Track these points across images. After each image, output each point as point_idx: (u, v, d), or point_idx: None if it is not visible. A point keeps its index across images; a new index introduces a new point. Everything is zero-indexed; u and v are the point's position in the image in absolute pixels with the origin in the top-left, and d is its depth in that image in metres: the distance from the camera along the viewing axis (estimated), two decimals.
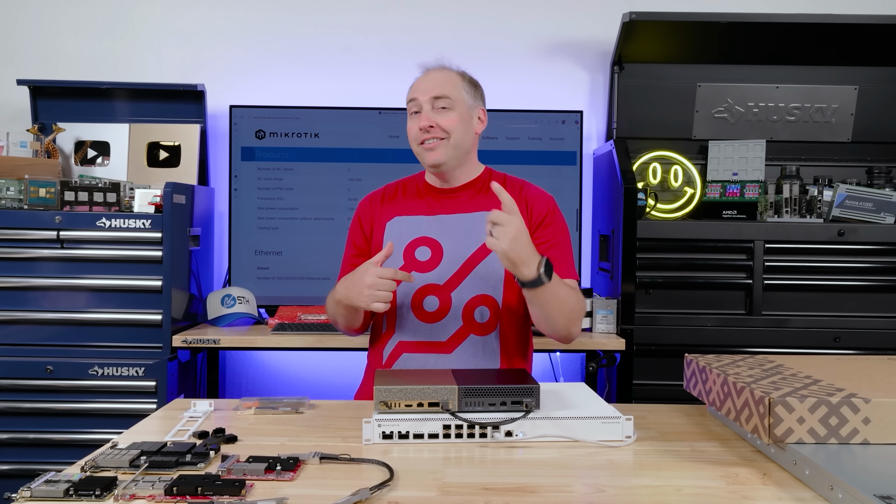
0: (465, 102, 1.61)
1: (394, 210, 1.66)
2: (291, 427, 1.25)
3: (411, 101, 1.61)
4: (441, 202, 1.65)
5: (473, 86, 1.66)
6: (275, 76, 2.90)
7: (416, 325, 1.59)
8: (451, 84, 1.60)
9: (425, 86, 1.60)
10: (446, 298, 1.58)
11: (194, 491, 0.90)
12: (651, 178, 2.67)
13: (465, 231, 1.61)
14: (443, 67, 1.65)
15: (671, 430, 1.25)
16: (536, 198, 1.66)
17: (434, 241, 1.61)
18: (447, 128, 1.58)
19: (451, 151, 1.59)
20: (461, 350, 1.57)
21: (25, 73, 2.80)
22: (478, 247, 1.59)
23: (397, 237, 1.62)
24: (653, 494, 0.95)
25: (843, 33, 2.54)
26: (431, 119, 1.57)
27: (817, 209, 2.46)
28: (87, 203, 2.33)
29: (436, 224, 1.63)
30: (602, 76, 2.91)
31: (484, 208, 1.61)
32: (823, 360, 1.34)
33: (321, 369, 2.86)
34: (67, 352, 2.30)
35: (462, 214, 1.63)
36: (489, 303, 1.59)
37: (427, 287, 1.58)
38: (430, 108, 1.58)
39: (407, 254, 1.61)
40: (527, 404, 1.17)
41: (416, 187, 1.69)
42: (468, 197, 1.65)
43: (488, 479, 0.99)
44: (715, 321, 2.39)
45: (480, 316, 1.58)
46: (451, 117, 1.58)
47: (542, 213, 1.63)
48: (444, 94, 1.58)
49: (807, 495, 0.94)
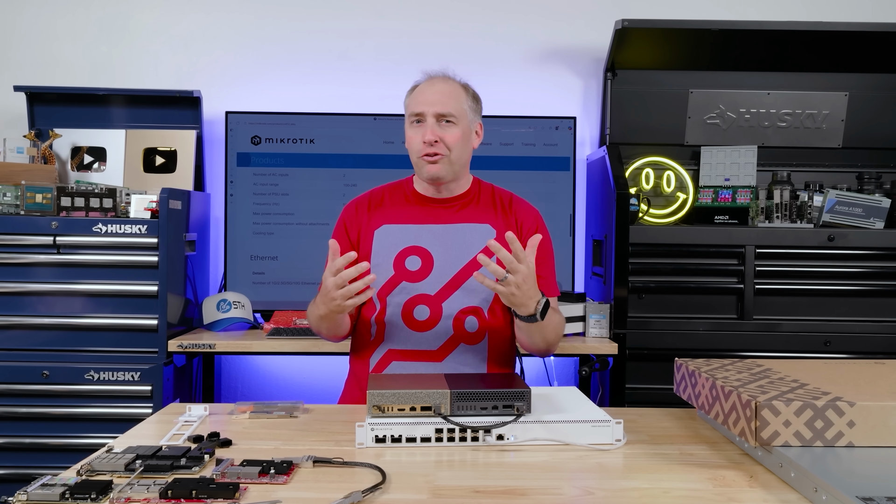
0: (467, 117, 1.63)
1: (382, 218, 1.66)
2: (285, 431, 1.26)
3: (415, 113, 1.60)
4: (431, 212, 1.66)
5: (475, 100, 1.68)
6: (270, 82, 2.92)
7: (406, 333, 1.60)
8: (456, 99, 1.62)
9: (431, 98, 1.60)
10: (437, 308, 1.59)
11: (189, 494, 0.92)
12: (644, 184, 2.69)
13: (456, 242, 1.63)
14: (447, 78, 1.65)
15: (661, 434, 1.27)
16: (526, 213, 1.70)
17: (424, 250, 1.62)
18: (450, 144, 1.59)
19: (450, 167, 1.61)
20: (451, 359, 1.59)
21: (22, 79, 2.82)
22: (469, 259, 1.61)
23: (387, 246, 1.63)
24: (641, 497, 0.96)
25: (833, 40, 2.56)
26: (436, 134, 1.58)
27: (808, 214, 2.48)
28: (83, 209, 2.34)
29: (426, 233, 1.64)
30: (595, 82, 2.93)
31: (474, 220, 1.65)
32: (811, 364, 1.36)
33: (316, 374, 2.87)
34: (64, 356, 2.31)
35: (452, 225, 1.65)
36: (478, 313, 1.61)
37: (418, 297, 1.59)
38: (434, 122, 1.59)
39: (397, 263, 1.61)
40: (518, 408, 1.19)
41: (405, 195, 1.70)
42: (458, 207, 1.67)
43: (479, 482, 1.00)
44: (707, 325, 2.40)
45: (470, 326, 1.60)
46: (455, 133, 1.60)
47: (531, 229, 1.67)
48: (450, 112, 1.59)
49: (792, 497, 0.95)
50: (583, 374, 2.36)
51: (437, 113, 1.58)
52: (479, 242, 1.61)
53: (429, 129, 1.58)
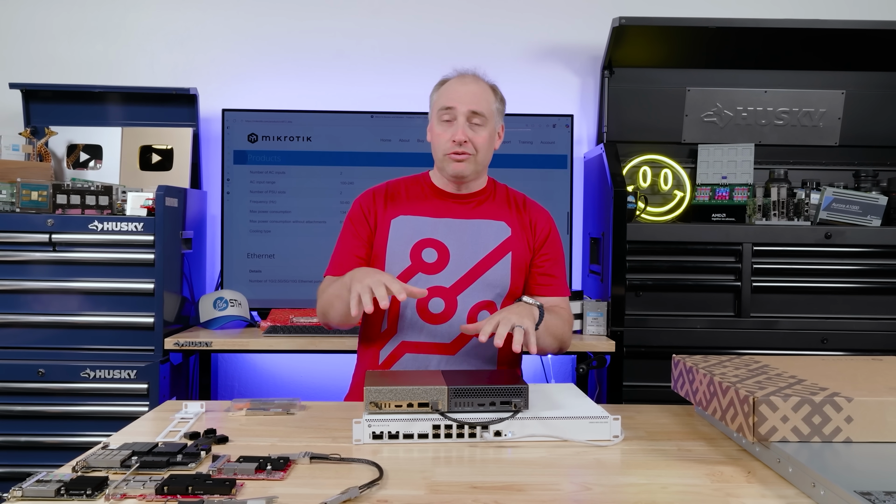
0: (494, 119, 1.65)
1: (398, 209, 1.67)
2: (282, 428, 1.26)
3: (447, 108, 1.60)
4: (448, 206, 1.67)
5: (502, 102, 1.70)
6: (267, 80, 2.91)
7: (420, 325, 1.60)
8: (486, 100, 1.63)
9: (465, 97, 1.60)
10: (452, 301, 1.60)
11: (185, 490, 0.91)
12: (641, 182, 2.69)
13: (472, 237, 1.64)
14: (477, 78, 1.66)
15: (658, 430, 1.27)
16: (539, 214, 1.73)
17: (440, 243, 1.63)
18: (478, 145, 1.61)
19: (475, 167, 1.63)
20: (464, 353, 1.60)
21: (18, 76, 2.80)
22: (485, 254, 1.63)
23: (403, 236, 1.63)
24: (638, 492, 0.96)
25: (830, 38, 2.56)
26: (467, 134, 1.59)
27: (805, 212, 2.48)
28: (79, 206, 2.33)
29: (442, 227, 1.64)
30: (592, 80, 2.93)
31: (490, 216, 1.67)
32: (808, 361, 1.36)
33: (313, 371, 2.86)
34: (59, 354, 2.30)
35: (469, 220, 1.66)
36: (491, 308, 1.62)
37: (433, 289, 1.59)
38: (465, 122, 1.59)
39: (414, 254, 1.62)
40: (516, 404, 1.18)
41: (422, 189, 1.70)
42: (475, 204, 1.68)
43: (477, 478, 1.00)
44: (704, 323, 2.40)
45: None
46: (483, 135, 1.62)
47: (545, 230, 1.70)
48: (481, 111, 1.60)
49: (790, 492, 0.95)
50: (580, 371, 2.35)
51: (469, 110, 1.59)
52: (495, 239, 1.64)
53: (460, 128, 1.59)
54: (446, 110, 1.60)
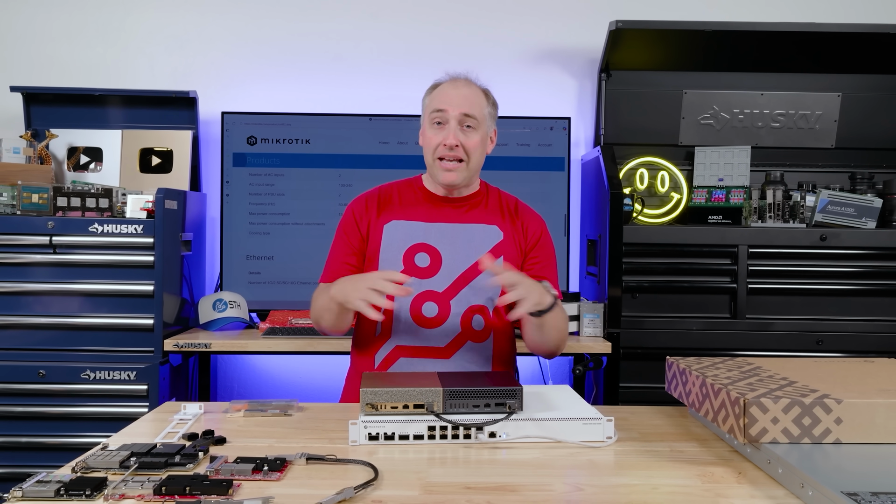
0: (486, 123, 1.64)
1: (391, 213, 1.67)
2: (280, 429, 1.27)
3: (438, 111, 1.60)
4: (441, 211, 1.67)
5: (494, 106, 1.69)
6: (266, 83, 2.93)
7: (414, 330, 1.60)
8: (478, 104, 1.62)
9: (457, 100, 1.60)
10: (445, 306, 1.60)
11: (182, 491, 0.92)
12: (638, 184, 2.70)
13: (465, 241, 1.64)
14: (469, 82, 1.66)
15: (652, 431, 1.28)
16: (531, 218, 1.72)
17: (433, 248, 1.63)
18: (469, 150, 1.61)
19: (466, 174, 1.63)
20: (458, 356, 1.61)
21: (18, 79, 2.82)
22: (477, 258, 1.62)
23: (396, 241, 1.64)
24: (630, 493, 0.98)
25: (826, 41, 2.58)
26: (458, 138, 1.59)
27: (800, 214, 2.50)
28: (79, 209, 2.34)
29: (434, 231, 1.65)
30: (590, 83, 2.94)
31: (482, 221, 1.67)
32: (801, 363, 1.37)
33: (311, 373, 2.88)
34: (60, 356, 2.32)
35: (461, 224, 1.66)
36: (483, 312, 1.63)
37: (426, 293, 1.60)
38: (456, 125, 1.59)
39: (407, 258, 1.62)
40: (510, 406, 1.20)
41: (414, 193, 1.70)
42: (468, 208, 1.69)
43: (471, 479, 1.01)
44: (700, 325, 2.42)
45: (477, 324, 1.62)
46: (475, 139, 1.61)
47: (536, 233, 1.70)
48: (473, 115, 1.60)
49: (779, 493, 0.97)
50: (577, 373, 2.37)
51: (461, 113, 1.59)
52: (487, 243, 1.64)
53: (451, 132, 1.58)
54: (438, 113, 1.60)
